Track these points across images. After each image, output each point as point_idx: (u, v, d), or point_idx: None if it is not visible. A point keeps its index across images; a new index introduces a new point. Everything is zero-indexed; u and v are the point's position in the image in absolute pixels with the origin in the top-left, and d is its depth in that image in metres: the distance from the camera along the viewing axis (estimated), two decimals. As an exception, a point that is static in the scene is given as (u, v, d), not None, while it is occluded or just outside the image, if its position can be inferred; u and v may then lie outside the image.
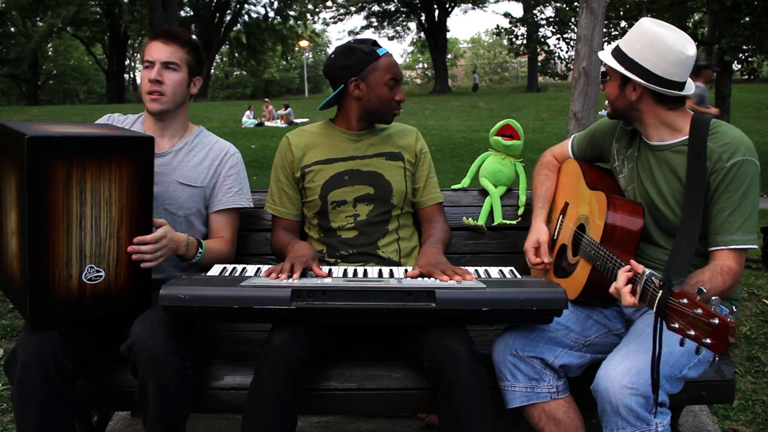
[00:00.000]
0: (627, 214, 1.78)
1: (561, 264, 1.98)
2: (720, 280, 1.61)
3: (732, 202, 1.66)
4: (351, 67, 2.03)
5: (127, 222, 1.73)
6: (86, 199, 1.64)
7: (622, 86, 1.78)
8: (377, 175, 2.08)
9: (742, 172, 1.66)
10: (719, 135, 1.71)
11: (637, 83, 1.74)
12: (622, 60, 1.76)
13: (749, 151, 1.68)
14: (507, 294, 1.64)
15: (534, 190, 2.19)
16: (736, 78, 14.85)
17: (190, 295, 1.59)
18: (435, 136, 14.16)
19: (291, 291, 1.60)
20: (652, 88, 1.72)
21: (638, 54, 1.73)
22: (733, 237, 1.65)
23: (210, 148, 2.13)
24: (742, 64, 11.64)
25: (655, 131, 1.81)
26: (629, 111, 1.81)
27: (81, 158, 1.62)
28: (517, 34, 15.09)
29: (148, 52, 2.01)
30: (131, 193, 1.72)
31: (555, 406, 1.75)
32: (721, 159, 1.67)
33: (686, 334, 1.32)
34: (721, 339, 1.26)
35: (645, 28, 1.74)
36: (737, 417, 2.45)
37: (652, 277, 1.45)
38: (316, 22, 39.47)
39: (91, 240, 1.67)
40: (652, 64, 1.71)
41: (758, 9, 10.43)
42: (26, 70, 33.39)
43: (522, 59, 30.70)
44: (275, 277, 1.71)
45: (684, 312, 1.33)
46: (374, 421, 2.41)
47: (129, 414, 2.44)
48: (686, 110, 1.80)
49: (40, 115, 19.77)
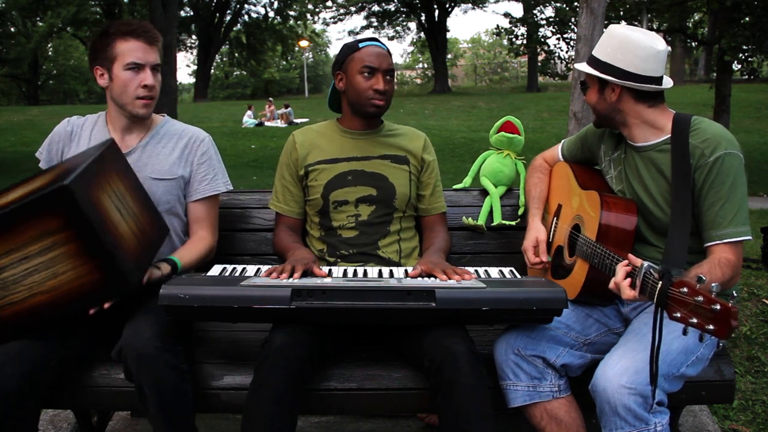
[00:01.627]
0: (621, 211, 1.79)
1: (558, 265, 1.98)
2: (719, 271, 1.61)
3: (720, 196, 1.67)
4: (337, 62, 2.08)
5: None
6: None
7: (601, 90, 1.83)
8: (381, 177, 2.08)
9: (725, 165, 1.67)
10: (700, 131, 1.73)
11: (614, 83, 1.78)
12: (596, 66, 1.82)
13: (731, 144, 1.70)
14: (507, 294, 1.64)
15: (528, 193, 2.21)
16: (736, 78, 14.84)
17: (191, 294, 1.59)
18: (435, 136, 14.17)
19: (291, 290, 1.60)
20: (628, 85, 1.76)
21: (611, 56, 1.78)
22: (727, 230, 1.67)
23: (178, 136, 2.09)
24: (742, 64, 11.64)
25: (639, 132, 1.83)
26: (612, 114, 1.84)
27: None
28: (517, 34, 15.09)
29: (132, 53, 1.92)
30: (69, 255, 1.60)
31: (557, 405, 1.75)
32: (704, 155, 1.69)
33: (689, 322, 1.32)
34: (724, 324, 1.26)
35: (614, 32, 1.81)
36: (737, 417, 2.45)
37: (651, 269, 1.45)
38: (316, 22, 39.45)
39: None
40: (626, 63, 1.76)
41: (758, 9, 10.43)
42: (26, 70, 33.38)
43: (522, 59, 30.67)
44: (275, 277, 1.71)
45: (685, 301, 1.33)
46: (374, 421, 2.41)
47: (129, 414, 2.44)
48: (667, 108, 1.83)
49: (40, 115, 19.77)
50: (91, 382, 1.81)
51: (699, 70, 26.10)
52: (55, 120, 2.39)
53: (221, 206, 2.22)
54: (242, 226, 2.35)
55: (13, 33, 30.56)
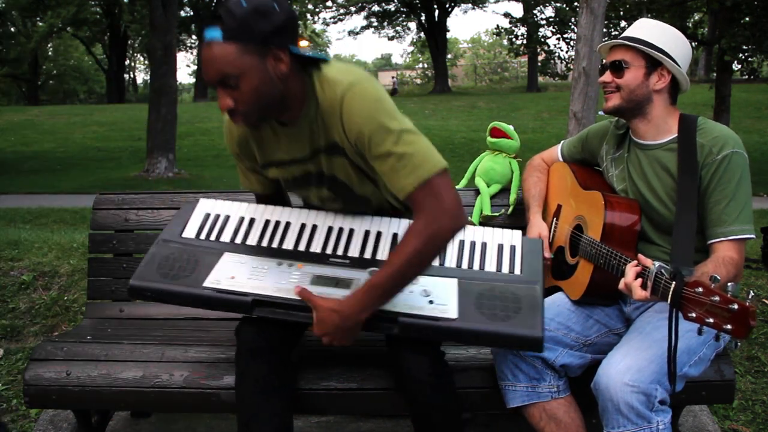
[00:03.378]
0: (624, 211, 1.79)
1: (559, 266, 1.98)
2: (724, 270, 1.61)
3: (726, 194, 1.68)
4: None
5: None
6: None
7: (648, 73, 1.79)
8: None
9: (732, 163, 1.68)
10: (707, 130, 1.74)
11: (670, 69, 1.77)
12: (652, 49, 1.78)
13: (737, 144, 1.71)
14: (476, 327, 1.52)
15: (527, 192, 2.19)
16: (736, 78, 14.85)
17: (155, 290, 1.63)
18: (435, 136, 14.15)
19: (252, 300, 1.58)
20: (680, 75, 1.77)
21: (666, 44, 1.77)
22: (731, 228, 1.67)
23: None
24: (742, 64, 11.65)
25: (651, 128, 1.82)
26: (644, 102, 1.80)
27: None
28: (517, 34, 15.12)
29: None
30: None
31: (556, 405, 1.75)
32: (712, 152, 1.69)
33: (705, 322, 1.32)
34: (742, 324, 1.26)
35: (663, 24, 1.82)
36: (737, 417, 2.45)
37: (662, 269, 1.45)
38: (316, 22, 39.39)
39: None
40: (678, 55, 1.77)
41: (758, 9, 10.43)
42: (26, 70, 33.35)
43: (522, 59, 30.65)
44: None
45: (700, 300, 1.33)
46: (374, 421, 2.41)
47: (129, 414, 2.44)
48: (676, 108, 1.84)
49: (40, 115, 19.76)
50: (91, 382, 1.81)
51: (699, 70, 26.09)
52: (56, 120, 2.37)
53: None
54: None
55: (13, 33, 30.57)
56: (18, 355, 2.87)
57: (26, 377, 1.86)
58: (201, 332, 2.06)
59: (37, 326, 3.05)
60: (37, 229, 5.27)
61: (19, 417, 2.46)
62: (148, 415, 2.41)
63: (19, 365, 2.79)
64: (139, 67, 50.93)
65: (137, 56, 45.31)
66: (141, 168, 11.83)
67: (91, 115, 20.77)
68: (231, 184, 10.71)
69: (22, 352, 2.88)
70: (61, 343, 1.94)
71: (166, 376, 1.83)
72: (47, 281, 3.29)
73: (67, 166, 12.96)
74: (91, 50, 36.67)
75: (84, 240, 3.66)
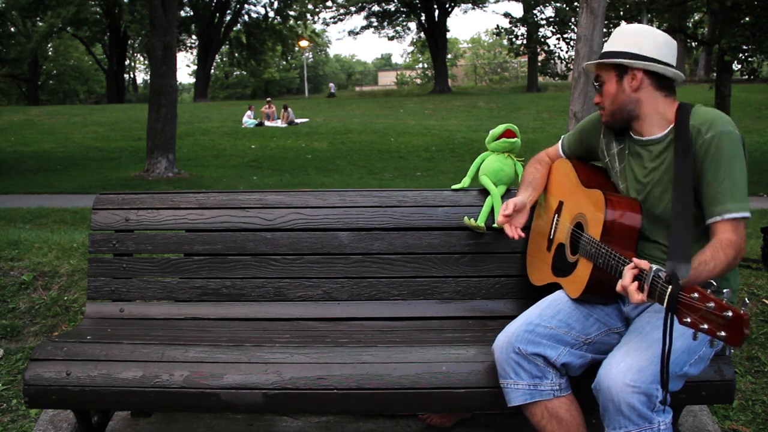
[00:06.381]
0: (625, 210, 1.79)
1: (560, 263, 1.98)
2: (722, 255, 1.61)
3: (719, 173, 1.68)
4: None
5: None
6: None
7: (620, 80, 1.81)
8: None
9: (723, 141, 1.68)
10: (698, 114, 1.75)
11: (636, 67, 1.78)
12: (612, 57, 1.81)
13: (728, 123, 1.71)
14: None
15: (523, 179, 2.21)
16: (736, 78, 14.86)
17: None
18: (435, 136, 14.14)
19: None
20: (651, 67, 1.77)
21: (628, 45, 1.79)
22: (727, 206, 1.66)
23: None
24: (742, 64, 11.65)
25: (650, 124, 1.82)
26: (630, 105, 1.82)
27: None
28: (517, 34, 15.12)
29: None
30: None
31: (557, 404, 1.75)
32: (701, 132, 1.70)
33: (699, 328, 1.32)
34: (736, 331, 1.26)
35: (625, 27, 1.84)
36: (737, 417, 2.45)
37: (659, 273, 1.45)
38: (316, 22, 39.47)
39: None
40: (646, 48, 1.77)
41: (758, 9, 10.44)
42: (26, 70, 33.38)
43: (522, 59, 30.67)
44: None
45: (696, 306, 1.33)
46: (374, 421, 2.41)
47: (129, 414, 2.44)
48: (675, 100, 1.83)
49: (40, 115, 19.75)
50: (91, 382, 1.81)
51: (699, 70, 26.11)
52: (55, 120, 2.38)
53: (220, 206, 2.22)
54: (242, 226, 2.35)
55: (13, 33, 30.56)
56: (18, 355, 2.87)
57: (26, 377, 1.86)
58: (201, 332, 2.06)
59: (37, 326, 3.05)
60: (37, 229, 5.27)
61: (19, 417, 2.46)
62: (148, 415, 2.41)
63: (19, 365, 2.79)
64: (139, 67, 51.02)
65: (137, 56, 45.37)
66: (141, 168, 11.83)
67: (91, 115, 20.76)
68: (231, 184, 10.72)
69: (22, 352, 2.88)
70: (61, 343, 1.94)
71: (166, 376, 1.83)
72: (47, 281, 3.29)
73: (66, 166, 12.96)
74: (91, 50, 36.70)
75: (84, 240, 3.66)
